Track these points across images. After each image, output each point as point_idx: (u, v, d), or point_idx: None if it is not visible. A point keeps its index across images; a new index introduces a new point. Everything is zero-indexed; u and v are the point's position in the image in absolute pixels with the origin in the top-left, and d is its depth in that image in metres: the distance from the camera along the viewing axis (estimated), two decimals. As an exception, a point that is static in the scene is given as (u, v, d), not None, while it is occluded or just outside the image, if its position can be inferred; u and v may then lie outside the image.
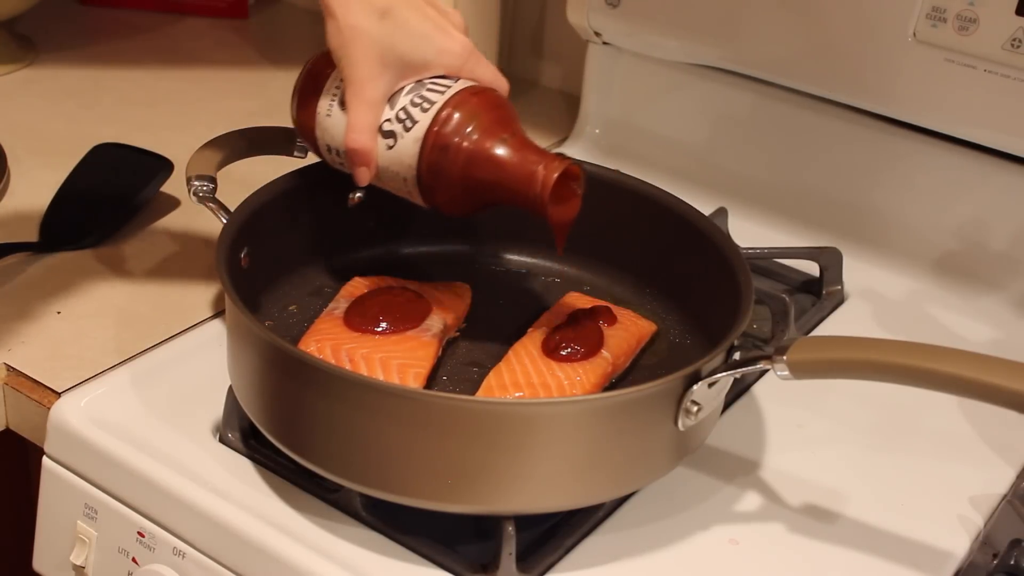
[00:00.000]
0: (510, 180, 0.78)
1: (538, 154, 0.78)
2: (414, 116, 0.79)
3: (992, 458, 0.86)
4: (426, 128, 0.79)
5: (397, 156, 0.80)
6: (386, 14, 0.77)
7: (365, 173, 0.81)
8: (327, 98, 0.82)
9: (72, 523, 0.82)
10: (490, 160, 0.78)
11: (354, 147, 0.80)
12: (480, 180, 0.79)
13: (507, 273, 0.95)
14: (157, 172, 1.07)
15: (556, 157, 0.78)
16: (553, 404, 0.73)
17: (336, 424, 0.71)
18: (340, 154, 0.83)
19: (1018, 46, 0.95)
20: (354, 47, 0.77)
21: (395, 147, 0.80)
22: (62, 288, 0.95)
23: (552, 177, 0.77)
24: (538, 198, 0.77)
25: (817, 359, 0.70)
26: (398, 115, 0.79)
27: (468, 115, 0.78)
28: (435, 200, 0.81)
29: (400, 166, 0.80)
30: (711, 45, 1.11)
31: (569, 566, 0.74)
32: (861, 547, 0.77)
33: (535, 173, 0.77)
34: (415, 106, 0.79)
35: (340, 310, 0.84)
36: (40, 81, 1.29)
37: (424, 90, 0.80)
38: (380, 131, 0.80)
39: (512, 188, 0.78)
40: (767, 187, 1.12)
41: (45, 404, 0.83)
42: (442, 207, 0.82)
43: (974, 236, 1.03)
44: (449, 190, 0.80)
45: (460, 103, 0.79)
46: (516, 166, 0.78)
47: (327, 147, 0.84)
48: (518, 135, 0.79)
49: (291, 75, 0.86)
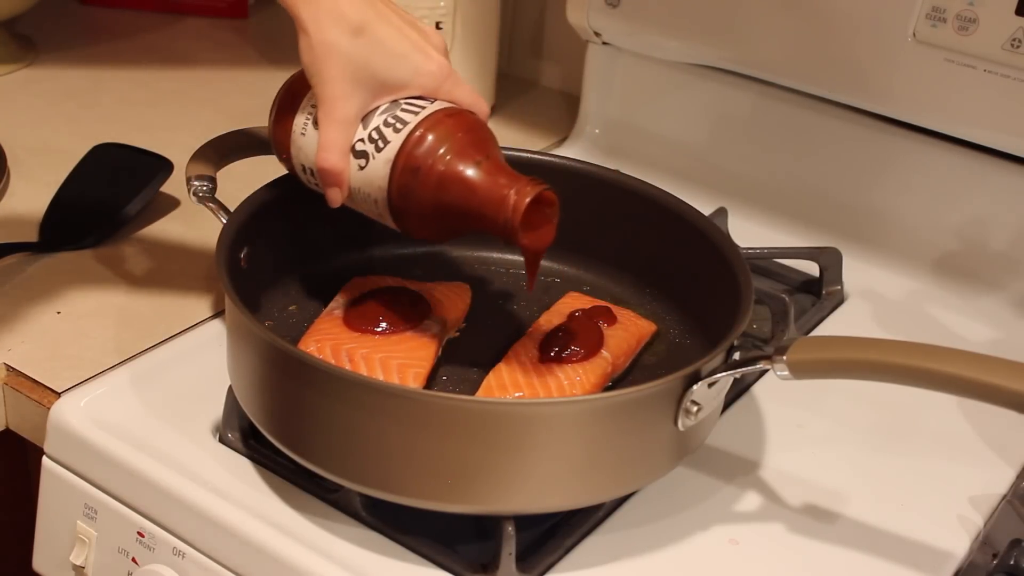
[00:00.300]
0: (480, 204, 0.75)
1: (511, 178, 0.75)
2: (386, 136, 0.76)
3: (992, 458, 0.86)
4: (397, 149, 0.76)
5: (368, 177, 0.77)
6: (361, 31, 0.75)
7: (337, 194, 0.79)
8: (302, 116, 0.80)
9: (72, 523, 0.82)
10: (461, 183, 0.75)
11: (324, 167, 0.77)
12: (450, 204, 0.76)
13: (507, 273, 0.95)
14: (157, 172, 1.07)
15: (531, 181, 0.75)
16: (553, 404, 0.73)
17: (336, 424, 0.71)
18: (315, 174, 0.80)
19: (1018, 46, 0.95)
20: (326, 64, 0.75)
21: (366, 168, 0.77)
22: (62, 288, 0.95)
23: (524, 202, 0.74)
24: (508, 223, 0.74)
25: (817, 359, 0.70)
26: (371, 135, 0.77)
27: (441, 137, 0.76)
28: (406, 224, 0.78)
29: (371, 187, 0.77)
30: (711, 45, 1.11)
31: (569, 566, 0.74)
32: (861, 547, 0.77)
33: (506, 198, 0.74)
34: (388, 126, 0.77)
35: (340, 310, 0.84)
36: (40, 81, 1.29)
37: (398, 110, 0.77)
38: (352, 151, 0.77)
39: (482, 213, 0.75)
40: (767, 187, 1.12)
41: (45, 404, 0.83)
42: (413, 232, 0.79)
43: (974, 236, 1.03)
44: (420, 214, 0.77)
45: (434, 124, 0.76)
46: (487, 190, 0.75)
47: (302, 166, 0.81)
48: (493, 158, 0.76)
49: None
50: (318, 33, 0.75)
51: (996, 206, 1.02)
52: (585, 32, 1.18)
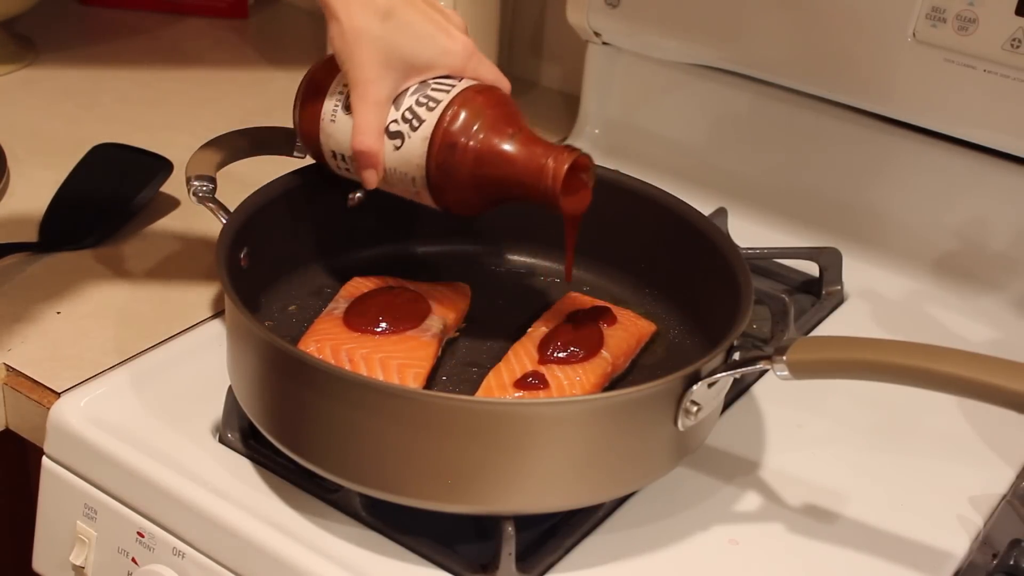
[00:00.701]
0: (520, 175, 0.78)
1: (546, 147, 0.78)
2: (420, 116, 0.79)
3: (992, 458, 0.86)
4: (433, 126, 0.78)
5: (405, 156, 0.80)
6: (389, 15, 0.77)
7: (373, 176, 0.81)
8: (331, 103, 0.82)
9: (72, 523, 0.82)
10: (499, 156, 0.78)
11: (361, 149, 0.79)
12: (490, 176, 0.79)
13: (507, 273, 0.95)
14: (157, 172, 1.07)
15: (565, 149, 0.78)
16: (553, 404, 0.73)
17: (336, 424, 0.71)
18: (346, 159, 0.83)
19: (1018, 46, 0.95)
20: (358, 49, 0.77)
21: (402, 147, 0.79)
22: (62, 288, 0.95)
23: (562, 169, 0.77)
24: (549, 191, 0.77)
25: (817, 359, 0.70)
26: (404, 115, 0.79)
27: (474, 112, 0.79)
28: (445, 199, 0.81)
29: (408, 166, 0.80)
30: (711, 45, 1.11)
31: (569, 566, 0.74)
32: (861, 547, 0.77)
33: (545, 166, 0.77)
34: (420, 106, 0.79)
35: (340, 310, 0.84)
36: (40, 81, 1.29)
37: (429, 90, 0.80)
38: (387, 132, 0.80)
39: (523, 182, 0.78)
40: (767, 187, 1.12)
41: (45, 404, 0.83)
42: (452, 207, 0.81)
43: (974, 236, 1.03)
44: (459, 188, 0.80)
45: (466, 101, 0.79)
46: (525, 160, 0.78)
47: (332, 152, 0.83)
48: (524, 130, 0.80)
49: (291, 75, 0.86)
50: (349, 20, 0.77)
51: (996, 206, 1.02)
52: (585, 32, 1.18)
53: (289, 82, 0.86)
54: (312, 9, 1.50)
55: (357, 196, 0.91)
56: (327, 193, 0.90)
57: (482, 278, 0.94)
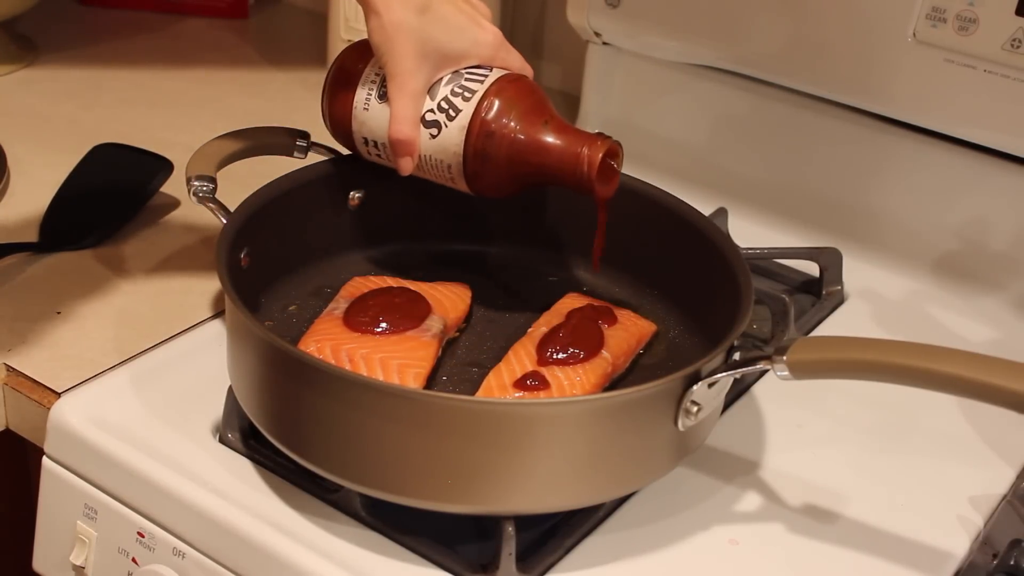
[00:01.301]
0: (556, 162, 0.81)
1: (579, 136, 0.81)
2: (457, 105, 0.81)
3: (992, 458, 0.86)
4: (471, 116, 0.81)
5: (442, 144, 0.82)
6: (425, 9, 0.80)
7: (408, 163, 0.83)
8: (363, 91, 0.84)
9: (72, 523, 0.82)
10: (534, 143, 0.81)
11: (399, 138, 0.82)
12: (525, 163, 0.82)
13: (507, 273, 0.95)
14: (157, 172, 1.07)
15: (597, 137, 0.81)
16: (553, 404, 0.73)
17: (336, 424, 0.71)
18: (379, 146, 0.85)
19: (1018, 46, 0.95)
20: (397, 42, 0.79)
21: (439, 136, 0.82)
22: (62, 288, 0.95)
23: (597, 157, 0.80)
24: (585, 177, 0.81)
25: (817, 359, 0.70)
26: (440, 105, 0.82)
27: (509, 102, 0.81)
28: (479, 185, 0.84)
29: (445, 154, 0.82)
30: (710, 45, 1.11)
31: (569, 566, 0.74)
32: (861, 547, 0.77)
33: (580, 155, 0.81)
34: (456, 96, 0.82)
35: (340, 310, 0.84)
36: (40, 81, 1.29)
37: (463, 80, 0.82)
38: (423, 122, 0.82)
39: (558, 169, 0.81)
40: (767, 187, 1.12)
41: (45, 404, 0.83)
42: (485, 190, 0.84)
43: (974, 236, 1.03)
44: (495, 174, 0.82)
45: (500, 90, 0.82)
46: (561, 149, 0.81)
47: (364, 140, 0.86)
48: (556, 118, 0.83)
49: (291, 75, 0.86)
50: (388, 13, 0.79)
51: (996, 206, 1.02)
52: (585, 32, 1.18)
53: (289, 82, 0.86)
54: (312, 9, 1.50)
55: (357, 196, 0.91)
56: (327, 193, 0.90)
57: (482, 278, 0.94)
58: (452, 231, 0.96)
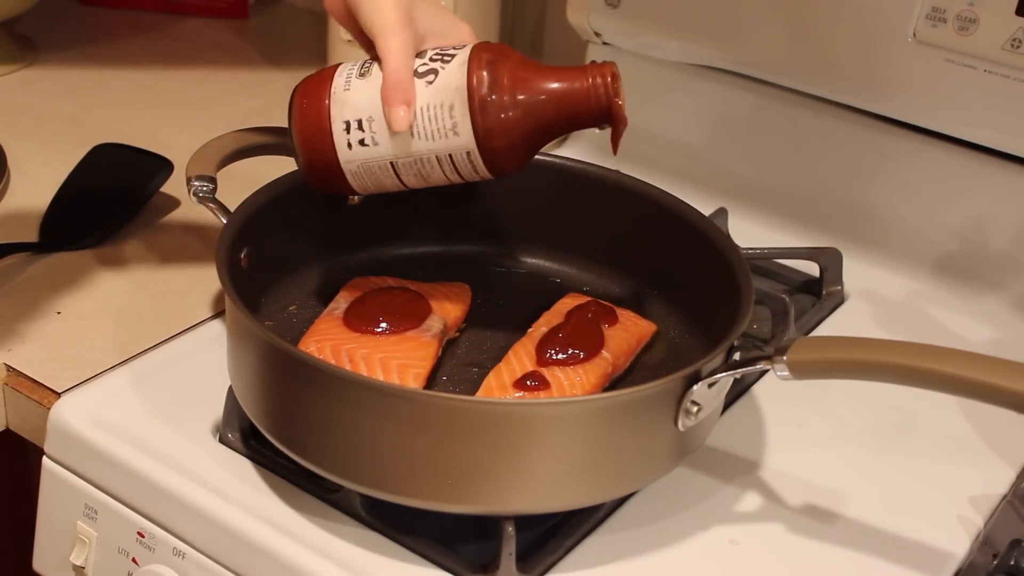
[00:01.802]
0: (569, 89, 0.77)
1: (578, 68, 0.78)
2: (450, 52, 0.78)
3: (992, 458, 0.86)
4: (469, 52, 0.77)
5: (442, 84, 0.77)
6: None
7: (405, 115, 0.77)
8: (340, 79, 0.79)
9: (72, 523, 0.82)
10: (540, 72, 0.78)
11: (396, 77, 0.77)
12: (536, 90, 0.77)
13: (507, 273, 0.95)
14: (157, 172, 1.07)
15: (593, 64, 0.78)
16: (553, 404, 0.73)
17: (336, 424, 0.71)
18: (364, 123, 0.78)
19: (1018, 46, 0.95)
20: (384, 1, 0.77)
21: (437, 80, 0.77)
22: (62, 288, 0.95)
23: (608, 76, 0.77)
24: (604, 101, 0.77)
25: (817, 359, 0.70)
26: (431, 57, 0.78)
27: (499, 50, 0.78)
28: (487, 117, 0.77)
29: (447, 92, 0.77)
30: (711, 45, 1.11)
31: (569, 566, 0.74)
32: (861, 547, 0.77)
33: (593, 84, 0.77)
34: (444, 50, 0.78)
35: (340, 310, 0.84)
36: (40, 81, 1.29)
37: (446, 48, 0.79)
38: (416, 74, 0.78)
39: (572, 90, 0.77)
40: (767, 187, 1.12)
41: (45, 404, 0.83)
42: (495, 127, 0.77)
43: (974, 236, 1.04)
44: (503, 92, 0.77)
45: (487, 47, 0.78)
46: (568, 74, 0.77)
47: (346, 123, 0.79)
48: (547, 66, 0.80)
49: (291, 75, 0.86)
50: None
51: (996, 206, 1.02)
52: (585, 32, 1.18)
53: (289, 82, 0.86)
54: (312, 9, 1.50)
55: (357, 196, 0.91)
56: (327, 193, 0.90)
57: (482, 278, 0.94)
58: (452, 231, 0.96)
